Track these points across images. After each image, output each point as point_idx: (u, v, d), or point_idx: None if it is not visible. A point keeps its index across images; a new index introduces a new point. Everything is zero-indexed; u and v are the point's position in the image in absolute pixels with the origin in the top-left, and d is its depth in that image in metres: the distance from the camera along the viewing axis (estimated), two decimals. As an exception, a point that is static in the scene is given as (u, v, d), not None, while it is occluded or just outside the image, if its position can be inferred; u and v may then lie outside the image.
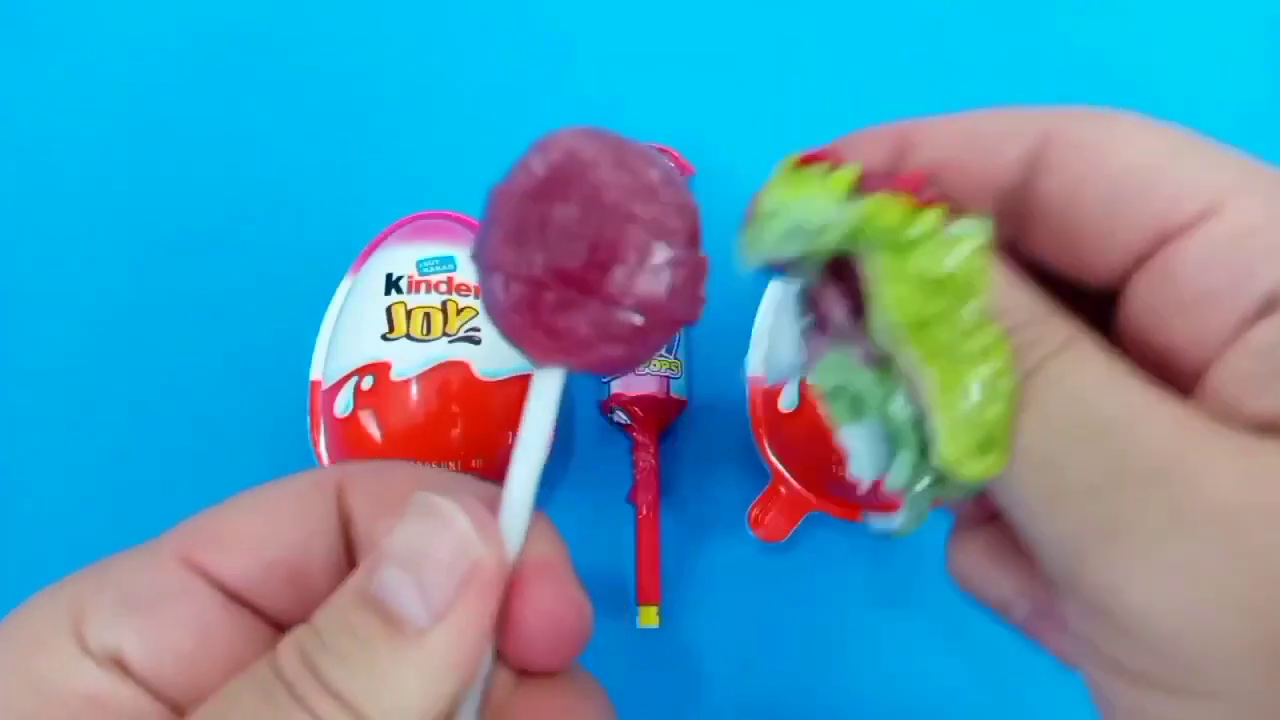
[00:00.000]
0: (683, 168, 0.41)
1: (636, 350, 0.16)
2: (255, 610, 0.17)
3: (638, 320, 0.16)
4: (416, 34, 0.44)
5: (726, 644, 0.37)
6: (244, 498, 0.18)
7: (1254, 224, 0.14)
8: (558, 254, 0.15)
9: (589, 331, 0.16)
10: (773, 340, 0.37)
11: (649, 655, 0.37)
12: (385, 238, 0.37)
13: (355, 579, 0.15)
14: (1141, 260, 0.15)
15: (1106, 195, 0.15)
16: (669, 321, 0.16)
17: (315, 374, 0.36)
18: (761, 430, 0.36)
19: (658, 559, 0.37)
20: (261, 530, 0.17)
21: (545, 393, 0.17)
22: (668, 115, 0.43)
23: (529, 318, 0.16)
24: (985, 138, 0.16)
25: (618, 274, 0.15)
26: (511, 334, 0.16)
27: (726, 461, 0.39)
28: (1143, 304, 0.16)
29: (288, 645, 0.15)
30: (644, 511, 0.37)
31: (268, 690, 0.14)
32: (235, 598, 0.17)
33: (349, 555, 0.18)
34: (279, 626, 0.17)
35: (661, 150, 0.41)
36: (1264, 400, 0.14)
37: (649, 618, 0.36)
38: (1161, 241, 0.15)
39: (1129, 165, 0.15)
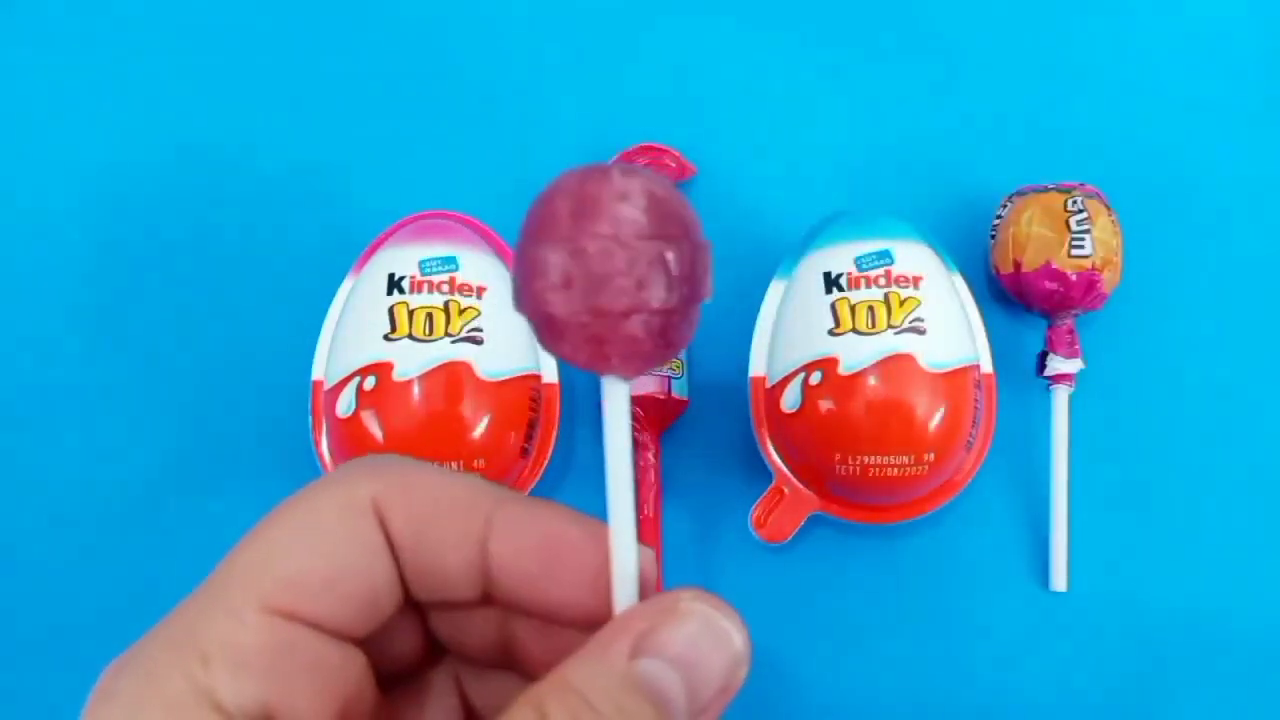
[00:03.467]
0: (683, 168, 0.41)
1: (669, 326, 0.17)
2: (340, 637, 0.18)
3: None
4: (419, 33, 0.44)
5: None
6: (284, 530, 0.18)
7: None
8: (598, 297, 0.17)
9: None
10: (774, 339, 0.37)
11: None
12: (387, 238, 0.37)
13: (614, 659, 0.17)
14: None
15: None
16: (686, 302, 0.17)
17: (317, 374, 0.36)
18: (764, 430, 0.36)
19: (659, 560, 0.37)
20: (327, 568, 0.18)
21: (614, 402, 0.18)
22: (668, 115, 0.43)
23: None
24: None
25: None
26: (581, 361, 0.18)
27: (728, 462, 0.39)
28: None
29: (558, 707, 0.16)
30: (645, 512, 0.37)
31: None
32: (322, 631, 0.18)
33: (398, 571, 0.19)
34: (355, 639, 0.18)
35: (661, 150, 0.41)
36: None
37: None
38: None
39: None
